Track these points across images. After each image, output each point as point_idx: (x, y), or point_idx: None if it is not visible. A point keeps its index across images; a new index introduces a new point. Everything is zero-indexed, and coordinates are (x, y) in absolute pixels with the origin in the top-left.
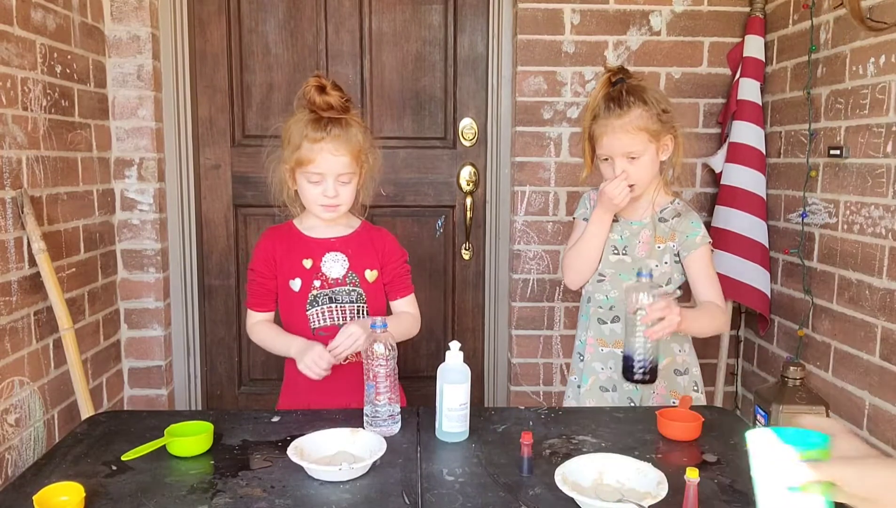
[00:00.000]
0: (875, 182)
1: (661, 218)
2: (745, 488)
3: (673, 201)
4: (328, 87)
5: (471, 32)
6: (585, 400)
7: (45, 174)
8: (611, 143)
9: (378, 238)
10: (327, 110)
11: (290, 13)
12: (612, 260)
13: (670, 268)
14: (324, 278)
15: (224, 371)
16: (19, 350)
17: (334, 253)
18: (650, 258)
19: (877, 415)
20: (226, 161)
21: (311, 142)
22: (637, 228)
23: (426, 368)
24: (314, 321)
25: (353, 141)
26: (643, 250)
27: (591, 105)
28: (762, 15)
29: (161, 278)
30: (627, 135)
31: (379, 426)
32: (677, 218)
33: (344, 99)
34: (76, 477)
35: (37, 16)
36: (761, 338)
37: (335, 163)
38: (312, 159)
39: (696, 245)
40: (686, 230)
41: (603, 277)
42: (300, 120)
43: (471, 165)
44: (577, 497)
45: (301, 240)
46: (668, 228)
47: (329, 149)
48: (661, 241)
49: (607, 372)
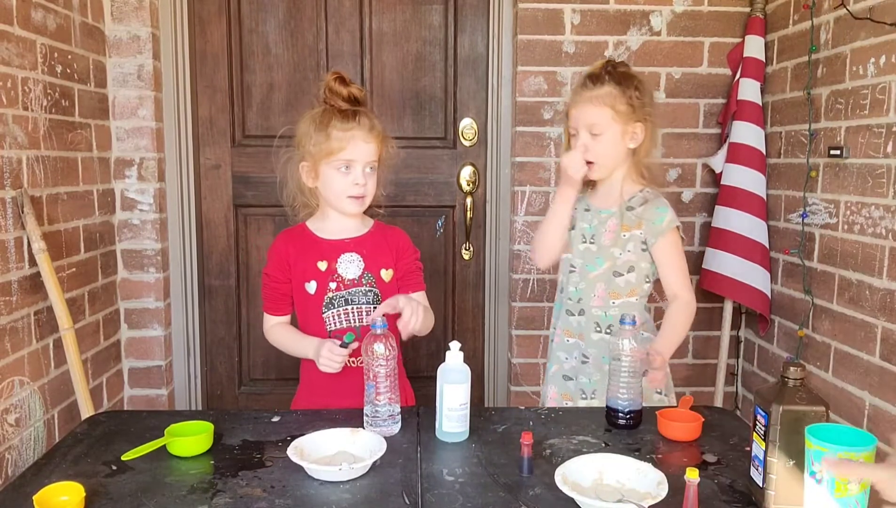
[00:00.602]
0: (875, 182)
1: (628, 206)
2: (744, 488)
3: (642, 189)
4: (348, 79)
5: (471, 32)
6: (549, 386)
7: (45, 174)
8: (577, 114)
9: (392, 236)
10: (351, 102)
11: (291, 13)
12: (580, 249)
13: (635, 257)
14: (340, 279)
15: (224, 371)
16: (19, 350)
17: (350, 254)
18: (615, 247)
19: (877, 415)
20: (226, 161)
21: (341, 131)
22: (605, 216)
23: (426, 368)
24: (330, 324)
25: (378, 129)
26: (609, 238)
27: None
28: (762, 15)
29: (161, 278)
30: (593, 107)
31: (379, 426)
32: (644, 205)
33: (363, 92)
34: (76, 477)
35: (37, 16)
36: (761, 338)
37: (366, 150)
38: (344, 147)
39: (662, 231)
40: (652, 217)
41: (574, 268)
42: (321, 114)
43: (471, 165)
44: (577, 497)
45: (315, 242)
46: (634, 215)
47: (360, 136)
48: (627, 229)
49: (571, 362)
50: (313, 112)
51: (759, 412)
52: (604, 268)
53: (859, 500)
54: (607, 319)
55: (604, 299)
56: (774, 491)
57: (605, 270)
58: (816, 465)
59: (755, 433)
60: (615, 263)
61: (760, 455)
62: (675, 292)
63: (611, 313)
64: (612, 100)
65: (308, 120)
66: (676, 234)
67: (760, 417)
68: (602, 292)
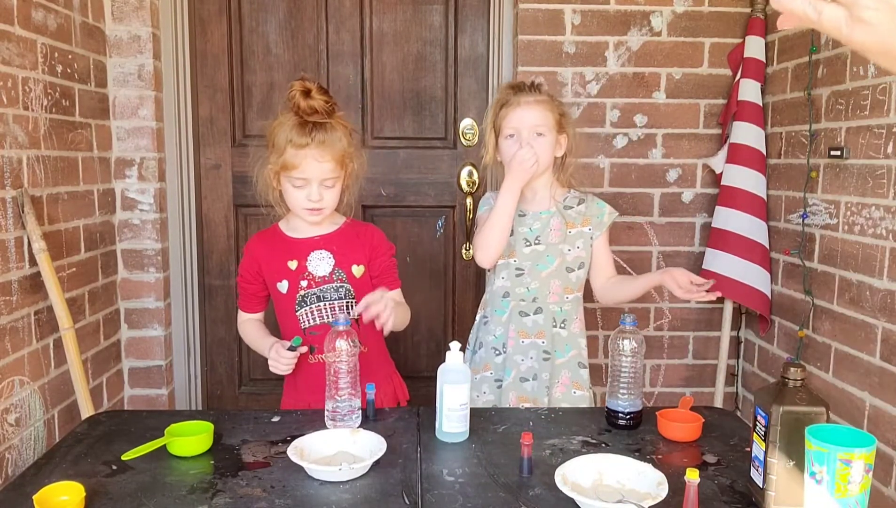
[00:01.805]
0: (876, 183)
1: (566, 206)
2: (745, 489)
3: (569, 190)
4: (313, 90)
5: (471, 33)
6: (508, 393)
7: (45, 174)
8: (522, 116)
9: (364, 233)
10: (312, 115)
11: (291, 13)
12: (526, 252)
13: (584, 252)
14: (310, 277)
15: (224, 371)
16: (19, 350)
17: (319, 251)
18: (563, 243)
19: (877, 416)
20: (226, 161)
21: (295, 148)
22: (546, 217)
23: (426, 368)
24: (304, 321)
25: (337, 146)
26: (555, 236)
27: (497, 100)
28: (763, 16)
29: (161, 278)
30: (538, 109)
31: (341, 420)
32: (583, 204)
33: (329, 103)
34: (76, 477)
35: (37, 15)
36: (762, 339)
37: (319, 169)
38: (297, 165)
39: (605, 224)
40: (595, 213)
41: (521, 271)
42: (285, 123)
43: (471, 166)
44: (577, 497)
45: (284, 242)
46: (576, 214)
47: (314, 155)
48: (573, 226)
49: (528, 362)
50: (279, 120)
51: (760, 412)
52: (555, 265)
53: (859, 500)
54: (562, 314)
55: (559, 294)
56: (774, 492)
57: (557, 266)
58: (817, 466)
59: (755, 433)
60: (565, 259)
61: (760, 455)
62: (611, 273)
63: (565, 307)
64: (552, 107)
65: (273, 127)
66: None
67: (761, 417)
68: (557, 288)
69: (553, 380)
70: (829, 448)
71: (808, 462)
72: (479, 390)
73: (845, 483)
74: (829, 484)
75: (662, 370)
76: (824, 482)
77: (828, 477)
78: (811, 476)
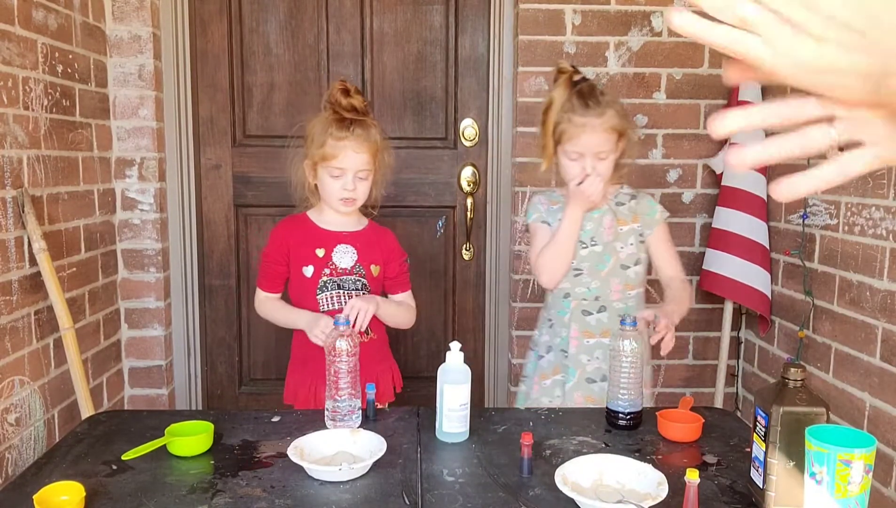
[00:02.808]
0: (876, 183)
1: (617, 202)
2: (745, 489)
3: (621, 186)
4: (352, 91)
5: (472, 33)
6: (573, 394)
7: (45, 174)
8: (589, 140)
9: (383, 237)
10: (350, 112)
11: (292, 13)
12: (583, 254)
13: (636, 249)
14: (334, 267)
15: (224, 371)
16: (20, 350)
17: (345, 245)
18: (617, 241)
19: (877, 417)
20: (227, 161)
21: (335, 140)
22: (598, 216)
23: (426, 368)
24: (323, 305)
25: (373, 141)
26: (609, 234)
27: (558, 102)
28: None
29: (161, 278)
30: (604, 134)
31: (342, 420)
32: (634, 200)
33: (365, 103)
34: (76, 477)
35: (38, 15)
36: (762, 339)
37: (356, 160)
38: (336, 155)
39: (657, 222)
40: (645, 210)
41: (580, 271)
42: (324, 120)
43: (472, 166)
44: (577, 497)
45: (315, 231)
46: (627, 210)
47: (352, 147)
48: (624, 223)
49: (594, 363)
50: (319, 116)
51: (760, 413)
52: (611, 263)
53: (859, 501)
54: (628, 310)
55: (621, 292)
56: (774, 492)
57: (613, 264)
58: (817, 466)
59: (755, 434)
60: (619, 256)
61: (761, 456)
62: (672, 275)
63: (630, 303)
64: (618, 121)
65: (314, 123)
66: (666, 224)
67: (761, 418)
68: (618, 285)
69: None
70: (829, 449)
71: (808, 462)
72: (552, 394)
73: (845, 484)
74: (829, 485)
75: (662, 371)
76: (824, 482)
77: (828, 478)
78: (811, 477)
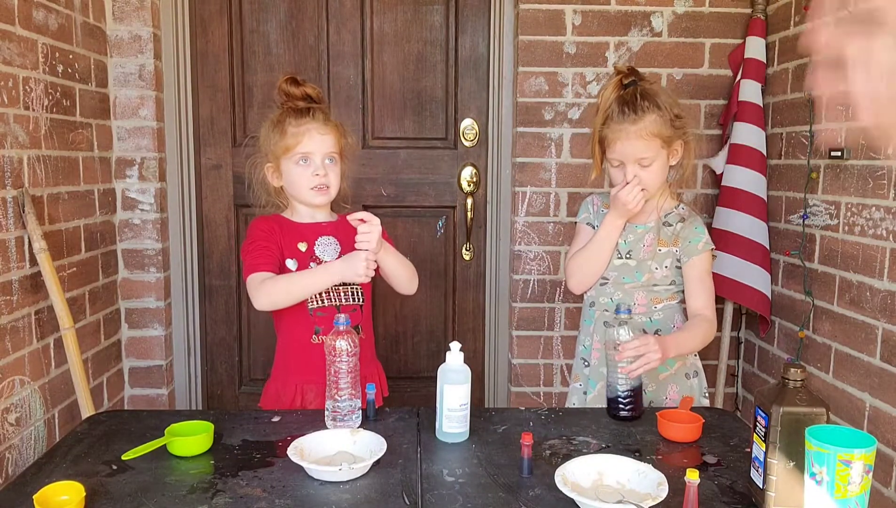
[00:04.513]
0: (876, 184)
1: (665, 222)
2: (745, 489)
3: (677, 205)
4: (301, 80)
5: (472, 33)
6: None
7: (46, 174)
8: (624, 148)
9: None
10: (304, 100)
11: (292, 13)
12: (616, 264)
13: (671, 272)
14: (318, 261)
15: (224, 371)
16: (20, 350)
17: (327, 237)
18: (653, 261)
19: (877, 417)
20: (227, 161)
21: (296, 126)
22: (642, 231)
23: (426, 368)
24: (312, 303)
25: (334, 123)
26: (646, 252)
27: (602, 107)
28: (763, 16)
29: (162, 278)
30: (642, 141)
31: (342, 420)
32: (681, 223)
33: (318, 90)
34: (76, 477)
35: (38, 15)
36: (762, 340)
37: (322, 142)
38: (300, 141)
39: (697, 251)
40: (689, 236)
41: (606, 280)
42: (277, 117)
43: (472, 166)
44: (577, 497)
45: (293, 226)
46: (671, 232)
47: (315, 128)
48: (664, 244)
49: None
50: (271, 116)
51: (760, 413)
52: (642, 281)
53: (859, 501)
54: (654, 324)
55: (646, 305)
56: (774, 493)
57: (644, 282)
58: (817, 466)
59: (755, 434)
60: (653, 276)
61: (761, 456)
62: (699, 309)
63: (656, 317)
64: (658, 128)
65: (267, 124)
66: (710, 255)
67: (761, 418)
68: (643, 299)
69: (659, 396)
70: (829, 449)
71: (808, 462)
72: (569, 402)
73: (845, 484)
74: (829, 485)
75: None
76: (824, 482)
77: (828, 478)
78: (811, 477)
